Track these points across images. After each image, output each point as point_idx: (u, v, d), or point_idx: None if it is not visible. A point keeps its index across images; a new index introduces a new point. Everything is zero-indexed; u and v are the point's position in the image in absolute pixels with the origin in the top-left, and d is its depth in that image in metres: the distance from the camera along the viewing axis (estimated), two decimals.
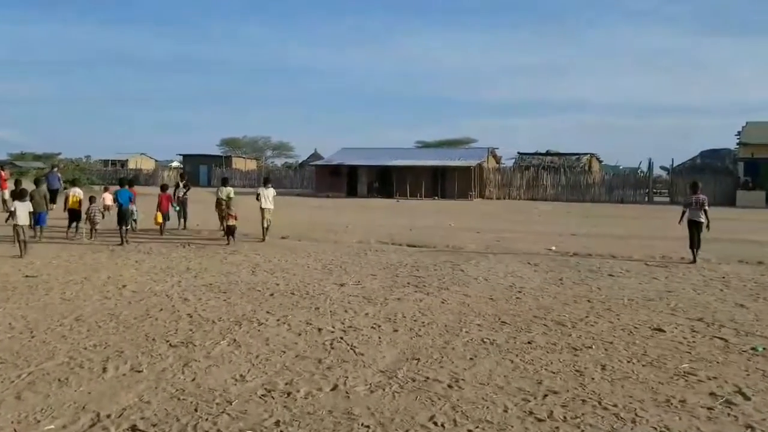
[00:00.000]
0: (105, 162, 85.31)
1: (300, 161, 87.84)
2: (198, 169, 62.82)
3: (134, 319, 7.70)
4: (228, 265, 12.18)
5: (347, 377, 5.60)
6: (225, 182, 18.67)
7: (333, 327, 7.40)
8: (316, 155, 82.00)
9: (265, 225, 16.43)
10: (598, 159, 54.77)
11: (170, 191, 18.71)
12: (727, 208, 32.44)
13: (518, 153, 54.74)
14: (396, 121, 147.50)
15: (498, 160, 48.22)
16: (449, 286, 10.18)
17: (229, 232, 15.75)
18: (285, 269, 11.73)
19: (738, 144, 42.84)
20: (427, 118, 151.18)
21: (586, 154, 52.20)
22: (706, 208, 13.50)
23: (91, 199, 16.36)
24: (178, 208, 18.62)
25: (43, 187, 17.91)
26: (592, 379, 5.57)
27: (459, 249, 15.01)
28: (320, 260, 12.87)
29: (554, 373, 5.74)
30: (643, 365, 5.98)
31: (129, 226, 16.03)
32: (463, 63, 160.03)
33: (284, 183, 57.07)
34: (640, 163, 70.28)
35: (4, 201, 22.10)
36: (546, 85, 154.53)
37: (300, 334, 7.05)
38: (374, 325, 7.49)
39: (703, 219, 13.35)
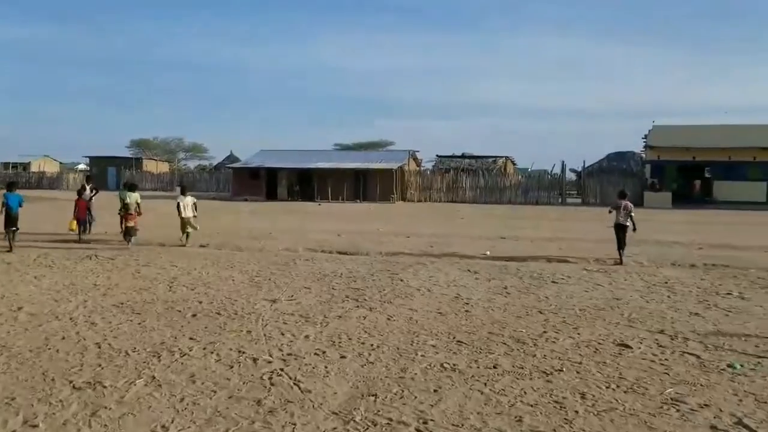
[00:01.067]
0: (6, 165, 79.21)
1: (215, 163, 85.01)
2: (106, 171, 59.20)
3: (30, 351, 6.45)
4: (141, 279, 10.90)
5: (295, 424, 4.69)
6: (133, 188, 16.97)
7: (270, 355, 6.45)
8: (231, 157, 79.48)
9: (189, 231, 16.06)
10: (512, 162, 55.93)
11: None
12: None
13: (437, 156, 55.07)
14: (312, 122, 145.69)
15: (418, 162, 48.11)
16: (392, 299, 9.40)
17: (128, 233, 15.40)
18: (207, 283, 10.60)
19: (645, 146, 44.54)
20: (343, 120, 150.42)
21: (502, 157, 53.14)
22: (632, 213, 14.39)
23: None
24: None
25: None
26: (576, 412, 4.93)
27: (393, 255, 14.29)
28: (246, 272, 11.79)
29: (532, 406, 5.07)
30: (624, 391, 5.41)
31: (17, 230, 14.60)
32: (376, 64, 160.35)
33: (199, 186, 54.65)
34: (554, 165, 72.58)
35: None
36: (459, 88, 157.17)
37: (232, 367, 6.06)
38: (317, 351, 6.60)
39: (629, 223, 14.28)
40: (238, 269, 12.11)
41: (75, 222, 16.55)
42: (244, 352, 6.53)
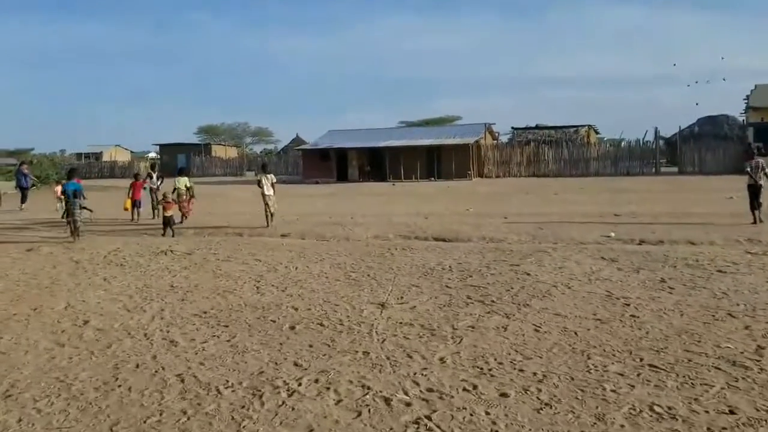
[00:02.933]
0: (79, 155, 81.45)
1: (280, 147, 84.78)
2: (176, 158, 59.36)
3: (96, 390, 5.01)
4: (223, 278, 9.49)
5: None
6: (181, 172, 17.97)
7: (405, 393, 4.77)
8: (297, 140, 79.03)
9: (271, 212, 15.67)
10: (595, 131, 52.40)
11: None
12: (738, 176, 30.28)
13: (512, 128, 52.31)
14: (373, 104, 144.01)
15: (494, 136, 45.62)
16: (527, 300, 7.58)
17: (166, 223, 14.63)
18: (298, 281, 9.07)
19: (746, 108, 40.69)
20: (403, 100, 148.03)
21: (584, 125, 49.79)
22: (767, 171, 14.10)
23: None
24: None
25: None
26: None
27: (500, 242, 12.43)
28: (339, 266, 10.22)
29: None
30: None
31: (77, 218, 14.05)
32: (431, 41, 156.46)
33: (266, 170, 53.94)
34: (646, 132, 68.20)
35: None
36: (534, 60, 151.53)
37: (359, 413, 4.42)
38: (466, 386, 4.88)
39: (763, 181, 13.96)
40: (329, 262, 10.56)
41: (129, 202, 17.46)
42: (369, 388, 4.88)
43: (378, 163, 41.01)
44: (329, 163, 41.65)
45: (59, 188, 18.60)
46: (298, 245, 12.64)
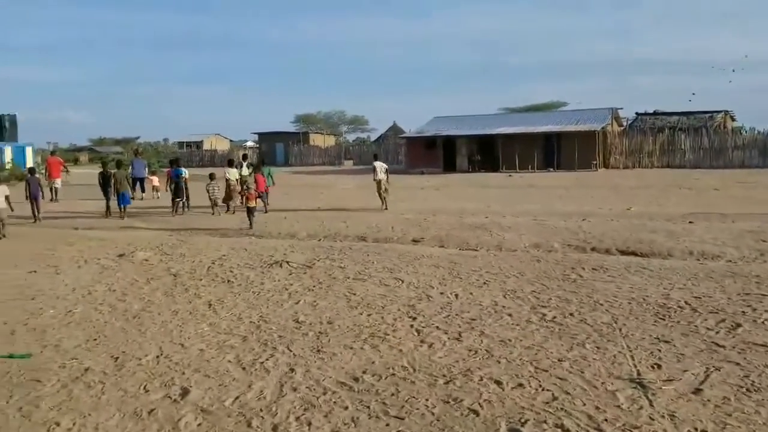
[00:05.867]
0: (181, 144, 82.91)
1: (375, 135, 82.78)
2: (274, 147, 58.44)
3: None
4: (363, 308, 6.91)
5: None
6: (231, 163, 18.36)
7: None
8: (395, 128, 76.72)
9: (383, 195, 16.89)
10: (732, 117, 46.54)
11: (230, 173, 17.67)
12: None
13: (636, 113, 47.29)
14: (469, 89, 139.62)
15: (621, 122, 41.12)
16: None
17: (250, 212, 14.35)
18: (471, 322, 6.33)
19: None
20: (498, 86, 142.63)
21: (719, 111, 44.17)
22: None
23: (211, 176, 17.16)
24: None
25: (126, 170, 18.09)
26: None
27: (717, 258, 9.21)
28: (515, 294, 7.39)
29: None
30: None
31: (183, 200, 17.34)
32: (520, 26, 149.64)
33: (365, 159, 51.73)
34: None
35: (56, 190, 21.96)
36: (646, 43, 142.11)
37: None
38: None
39: None
40: (499, 287, 7.75)
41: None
42: None
43: (488, 152, 37.71)
44: (435, 152, 38.80)
45: (155, 178, 22.98)
46: (442, 257, 9.92)
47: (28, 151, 38.19)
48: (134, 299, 7.65)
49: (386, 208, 16.65)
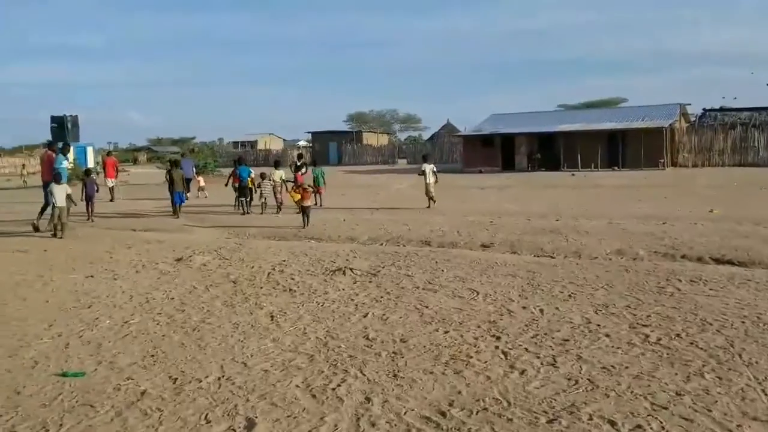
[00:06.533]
0: (236, 144, 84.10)
1: (427, 134, 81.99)
2: (327, 146, 58.41)
3: None
4: (439, 324, 6.26)
5: None
6: (277, 165, 18.75)
7: None
8: (449, 126, 75.87)
9: (431, 196, 17.25)
10: None
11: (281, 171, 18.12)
12: None
13: (703, 109, 45.11)
14: (525, 85, 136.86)
15: (689, 118, 39.20)
16: None
17: (305, 212, 14.17)
18: (563, 343, 5.60)
19: None
20: (552, 83, 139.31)
21: None
22: None
23: (262, 176, 17.62)
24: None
25: (181, 170, 18.09)
26: None
27: None
28: (607, 309, 6.61)
29: None
30: None
31: (248, 199, 17.73)
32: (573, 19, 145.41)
33: (419, 158, 50.95)
34: None
35: (111, 189, 22.89)
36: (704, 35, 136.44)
37: None
38: None
39: None
40: (587, 301, 6.98)
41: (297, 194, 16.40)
42: None
43: (549, 150, 36.47)
44: (493, 151, 37.80)
45: (201, 178, 24.52)
46: (518, 265, 9.17)
47: (89, 150, 39.05)
48: (193, 309, 7.21)
49: (430, 207, 17.12)
